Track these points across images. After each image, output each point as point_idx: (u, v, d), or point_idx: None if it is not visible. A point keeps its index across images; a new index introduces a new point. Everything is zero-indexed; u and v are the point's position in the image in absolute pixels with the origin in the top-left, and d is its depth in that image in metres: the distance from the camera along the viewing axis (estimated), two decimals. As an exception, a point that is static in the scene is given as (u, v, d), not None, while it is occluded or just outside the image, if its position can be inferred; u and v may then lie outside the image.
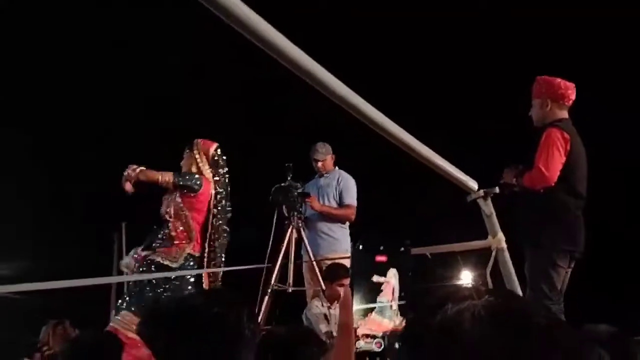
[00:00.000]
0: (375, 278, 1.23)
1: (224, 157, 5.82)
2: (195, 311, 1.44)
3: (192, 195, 5.52)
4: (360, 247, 1.22)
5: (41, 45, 11.86)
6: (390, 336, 1.21)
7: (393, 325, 1.26)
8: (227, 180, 5.78)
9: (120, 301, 5.59)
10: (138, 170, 5.44)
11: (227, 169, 5.79)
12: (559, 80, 5.08)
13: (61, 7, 10.85)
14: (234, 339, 1.43)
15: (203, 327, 1.41)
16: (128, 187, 5.43)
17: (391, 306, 1.25)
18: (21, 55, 11.97)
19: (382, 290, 1.25)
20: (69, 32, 11.66)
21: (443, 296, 0.84)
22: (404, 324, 1.20)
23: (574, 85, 5.08)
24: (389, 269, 1.24)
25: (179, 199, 5.53)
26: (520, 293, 4.02)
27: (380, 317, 1.26)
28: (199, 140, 5.80)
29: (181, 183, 5.47)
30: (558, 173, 4.79)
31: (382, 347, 1.16)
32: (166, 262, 5.39)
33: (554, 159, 4.78)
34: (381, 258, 1.23)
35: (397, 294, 1.25)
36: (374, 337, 1.23)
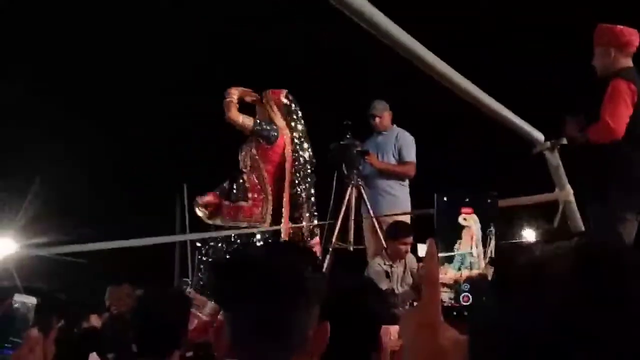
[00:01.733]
0: (455, 223, 1.19)
1: (296, 102, 5.78)
2: (261, 264, 1.44)
3: (267, 146, 5.54)
4: (445, 198, 1.17)
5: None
6: (466, 282, 1.18)
7: (468, 273, 1.22)
8: (302, 126, 5.75)
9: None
10: (228, 100, 5.50)
11: (300, 113, 5.75)
12: (620, 27, 4.88)
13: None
14: (298, 291, 1.42)
15: (268, 280, 1.40)
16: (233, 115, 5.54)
17: (471, 254, 1.20)
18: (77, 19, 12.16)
19: (461, 239, 1.20)
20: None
21: (533, 240, 0.81)
22: (489, 272, 1.17)
23: (637, 31, 4.88)
24: (471, 216, 1.19)
25: (254, 151, 5.57)
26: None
27: (452, 266, 1.22)
28: (269, 90, 5.77)
29: (257, 128, 5.49)
30: (625, 126, 4.61)
31: (470, 300, 1.12)
32: (252, 227, 5.41)
33: (620, 111, 4.61)
34: (467, 210, 1.18)
35: (477, 240, 1.20)
36: (450, 286, 1.19)
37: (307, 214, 5.66)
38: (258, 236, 5.33)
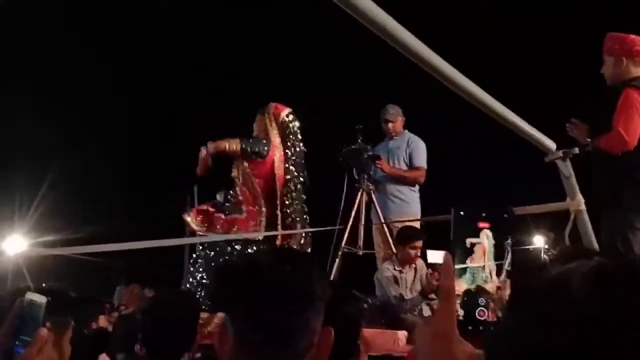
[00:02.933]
0: (468, 241, 1.19)
1: (297, 124, 5.71)
2: (267, 269, 1.44)
3: (259, 160, 5.50)
4: (462, 213, 1.18)
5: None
6: (465, 295, 1.18)
7: (482, 287, 1.22)
8: (300, 148, 5.67)
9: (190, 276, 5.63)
10: (209, 147, 5.45)
11: (300, 135, 5.68)
12: (633, 36, 4.87)
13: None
14: (306, 297, 1.42)
15: (275, 285, 1.41)
16: (201, 171, 5.50)
17: (483, 267, 1.21)
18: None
19: (473, 253, 1.20)
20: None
21: (551, 257, 0.81)
22: (506, 285, 1.17)
23: None
24: (484, 231, 1.20)
25: (245, 164, 5.53)
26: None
27: (465, 280, 1.22)
28: (272, 104, 5.69)
29: (248, 150, 5.43)
30: (637, 136, 4.60)
31: (486, 315, 1.12)
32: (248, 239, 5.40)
33: (633, 122, 4.60)
34: (484, 225, 1.18)
35: (490, 255, 1.21)
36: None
37: (297, 236, 5.62)
38: (255, 247, 5.31)
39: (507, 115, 3.41)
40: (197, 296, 5.08)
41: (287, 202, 5.56)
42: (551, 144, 4.03)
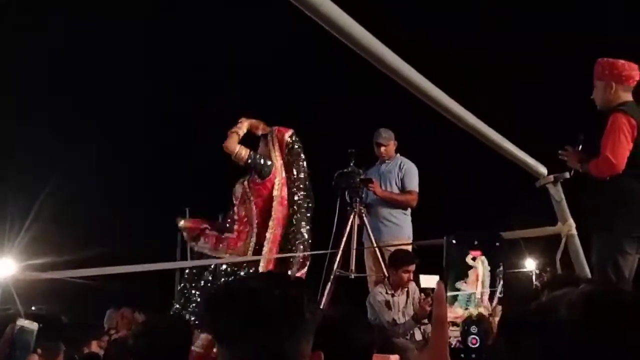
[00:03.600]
0: (463, 265, 1.20)
1: (300, 145, 5.71)
2: (258, 293, 1.45)
3: (258, 181, 5.51)
4: (454, 241, 1.19)
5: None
6: (464, 323, 1.19)
7: (473, 314, 1.23)
8: (304, 169, 5.68)
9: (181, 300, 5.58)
10: (233, 130, 5.48)
11: (303, 156, 5.69)
12: (622, 61, 4.91)
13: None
14: (296, 321, 1.43)
15: (265, 309, 1.41)
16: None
17: (474, 294, 1.22)
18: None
19: (467, 277, 1.22)
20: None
21: (540, 284, 0.83)
22: (497, 312, 1.18)
23: (638, 66, 4.92)
24: (480, 257, 1.21)
25: (245, 183, 5.55)
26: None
27: (459, 306, 1.23)
28: (275, 127, 5.72)
29: (250, 161, 5.44)
30: (625, 160, 4.63)
31: (478, 343, 1.12)
32: (233, 259, 5.38)
33: (621, 146, 4.63)
34: (476, 253, 1.20)
35: (484, 282, 1.22)
36: (457, 325, 1.20)
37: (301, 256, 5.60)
38: (242, 272, 5.29)
39: (499, 140, 3.44)
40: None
41: (293, 221, 5.55)
42: (542, 169, 4.07)
